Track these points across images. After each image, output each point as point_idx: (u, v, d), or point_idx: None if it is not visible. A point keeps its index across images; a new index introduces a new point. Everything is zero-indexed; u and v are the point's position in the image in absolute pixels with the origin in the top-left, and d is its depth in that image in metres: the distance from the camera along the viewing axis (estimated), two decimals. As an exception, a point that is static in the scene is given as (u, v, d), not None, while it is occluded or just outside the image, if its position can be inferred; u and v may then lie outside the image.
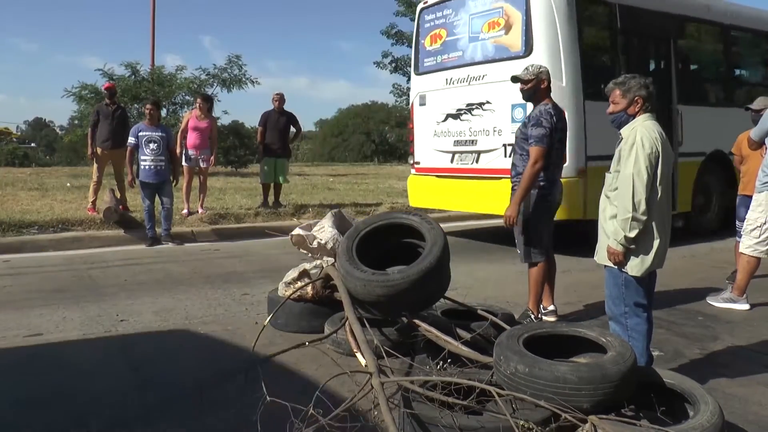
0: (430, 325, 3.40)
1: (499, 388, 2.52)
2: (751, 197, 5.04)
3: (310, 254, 4.45)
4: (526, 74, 4.31)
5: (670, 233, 3.16)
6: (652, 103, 3.19)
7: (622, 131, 3.19)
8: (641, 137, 3.01)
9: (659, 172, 3.01)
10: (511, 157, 4.52)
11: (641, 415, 2.59)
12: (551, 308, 4.55)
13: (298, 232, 4.42)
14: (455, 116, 7.71)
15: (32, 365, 3.67)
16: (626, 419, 2.41)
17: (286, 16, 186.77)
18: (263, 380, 2.63)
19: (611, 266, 3.15)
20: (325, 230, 4.35)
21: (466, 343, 3.18)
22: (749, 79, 9.64)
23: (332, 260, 4.10)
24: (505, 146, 6.99)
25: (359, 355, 3.05)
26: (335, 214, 4.55)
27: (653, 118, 3.17)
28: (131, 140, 7.54)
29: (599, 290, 4.20)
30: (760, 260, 4.97)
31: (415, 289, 3.37)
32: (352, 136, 44.76)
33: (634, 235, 2.99)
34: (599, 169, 5.30)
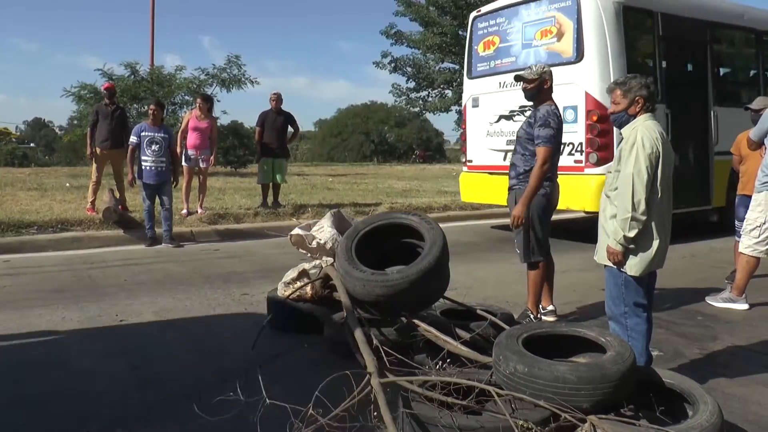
0: (429, 325, 3.39)
1: (498, 388, 2.52)
2: (750, 197, 5.05)
3: (309, 254, 4.45)
4: (530, 73, 4.30)
5: (670, 233, 3.16)
6: (653, 103, 3.19)
7: (623, 131, 3.19)
8: (642, 137, 3.01)
9: (660, 172, 3.01)
10: (517, 156, 4.48)
11: (640, 414, 2.59)
12: (550, 308, 4.55)
13: (297, 232, 4.42)
14: (508, 117, 8.19)
15: (32, 365, 3.67)
16: (625, 419, 2.41)
17: (285, 16, 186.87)
18: (262, 381, 2.63)
19: (611, 266, 3.15)
20: (324, 230, 4.35)
21: (465, 343, 3.18)
22: None
23: (331, 260, 4.10)
24: None
25: (358, 355, 3.05)
26: (334, 214, 4.54)
27: (654, 118, 3.17)
28: (133, 139, 7.52)
29: (599, 290, 4.21)
30: (759, 260, 4.98)
31: (414, 289, 3.36)
32: (351, 136, 44.71)
33: (633, 235, 2.99)
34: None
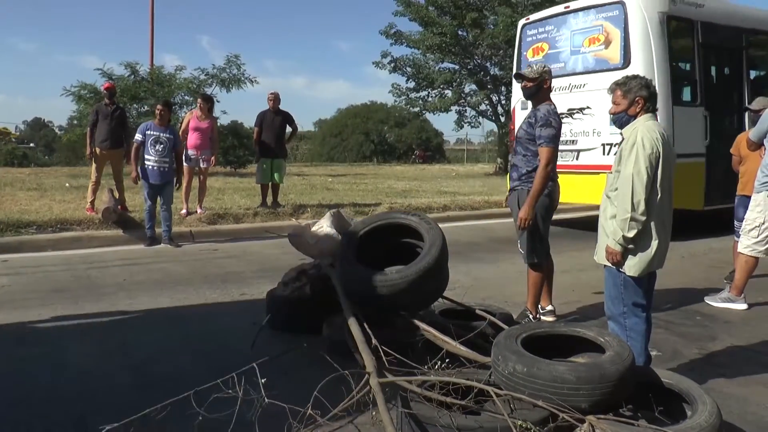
0: (428, 324, 3.39)
1: (497, 388, 2.52)
2: (749, 197, 5.05)
3: (308, 254, 4.45)
4: (530, 72, 4.30)
5: (670, 234, 3.16)
6: (653, 103, 3.18)
7: (623, 131, 3.19)
8: (642, 137, 3.01)
9: (660, 172, 3.01)
10: (519, 157, 4.44)
11: (639, 414, 2.59)
12: (549, 308, 4.55)
13: (296, 232, 4.42)
14: None
15: (31, 364, 3.67)
16: (624, 419, 2.41)
17: (284, 16, 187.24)
18: (261, 380, 2.63)
19: (610, 266, 3.15)
20: (323, 230, 4.34)
21: (464, 342, 3.18)
22: None
23: (331, 260, 4.10)
24: (603, 145, 8.09)
25: (357, 354, 3.05)
26: (334, 214, 4.54)
27: (654, 118, 3.16)
28: (138, 137, 7.48)
29: (598, 290, 4.21)
30: (758, 260, 4.98)
31: (413, 289, 3.37)
32: (351, 136, 44.57)
33: (632, 235, 2.99)
34: (684, 165, 6.36)
